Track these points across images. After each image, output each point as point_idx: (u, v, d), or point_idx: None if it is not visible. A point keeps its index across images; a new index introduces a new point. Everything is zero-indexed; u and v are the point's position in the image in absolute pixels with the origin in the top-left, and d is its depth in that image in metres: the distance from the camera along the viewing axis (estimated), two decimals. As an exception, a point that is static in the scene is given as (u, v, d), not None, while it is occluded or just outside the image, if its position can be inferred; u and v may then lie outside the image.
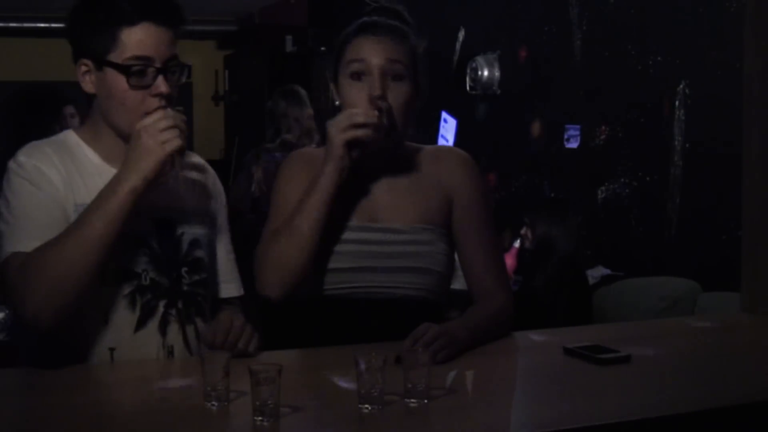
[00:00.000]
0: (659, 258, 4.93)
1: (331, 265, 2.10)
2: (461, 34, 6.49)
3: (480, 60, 6.13)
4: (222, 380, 1.64)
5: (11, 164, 1.98)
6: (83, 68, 2.00)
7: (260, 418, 1.56)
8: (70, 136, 2.06)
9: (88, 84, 2.00)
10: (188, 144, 1.98)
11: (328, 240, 2.10)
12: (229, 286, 2.22)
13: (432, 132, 6.24)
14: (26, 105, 7.01)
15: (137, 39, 1.94)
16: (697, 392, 1.83)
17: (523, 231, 4.56)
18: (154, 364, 1.98)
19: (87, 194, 1.96)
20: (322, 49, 8.19)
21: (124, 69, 1.94)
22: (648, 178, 5.05)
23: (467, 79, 6.20)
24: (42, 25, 8.82)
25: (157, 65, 1.95)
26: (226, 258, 2.22)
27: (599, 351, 1.99)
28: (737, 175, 2.64)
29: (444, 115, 6.31)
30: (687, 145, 4.81)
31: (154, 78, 1.95)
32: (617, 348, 2.00)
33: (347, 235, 2.12)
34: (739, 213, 2.64)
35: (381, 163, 2.17)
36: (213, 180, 2.22)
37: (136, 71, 1.94)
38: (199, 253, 2.10)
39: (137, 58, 1.94)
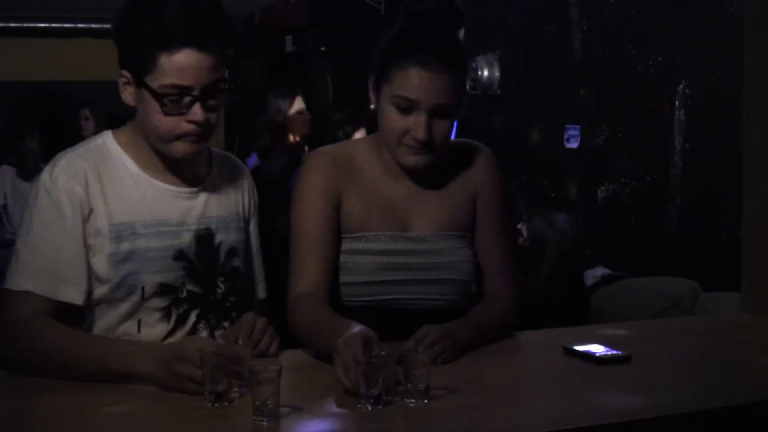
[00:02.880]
0: (659, 258, 4.93)
1: (357, 277, 2.09)
2: (461, 34, 6.48)
3: (480, 60, 6.13)
4: (222, 381, 1.64)
5: (45, 176, 1.94)
6: (123, 79, 1.94)
7: (260, 418, 1.56)
8: (108, 142, 2.01)
9: (127, 96, 1.95)
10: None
11: (357, 250, 2.09)
12: (259, 288, 2.23)
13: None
14: (40, 106, 7.01)
15: (175, 67, 1.87)
16: (697, 392, 1.83)
17: (519, 226, 4.55)
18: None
19: (124, 212, 1.95)
20: (322, 49, 8.19)
21: (158, 96, 1.89)
22: (648, 178, 5.04)
23: (467, 79, 6.20)
24: (67, 25, 8.80)
25: (195, 93, 1.89)
26: (257, 260, 2.22)
27: (599, 351, 1.99)
28: (737, 175, 2.64)
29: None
30: (687, 145, 4.81)
31: (191, 105, 1.90)
32: (617, 348, 2.00)
33: (376, 245, 2.10)
34: (739, 213, 2.64)
35: (416, 173, 2.14)
36: (247, 179, 2.19)
37: (169, 100, 1.89)
38: (236, 262, 2.09)
39: (174, 86, 1.88)
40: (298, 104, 5.24)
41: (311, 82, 7.99)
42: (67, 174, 1.93)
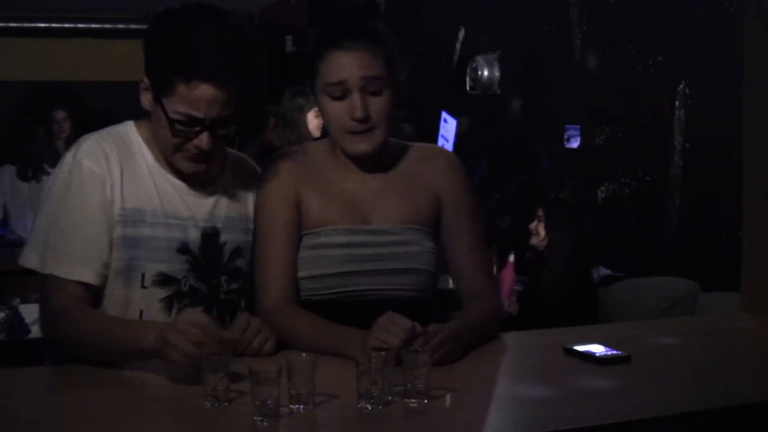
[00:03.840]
0: (659, 258, 4.93)
1: (319, 270, 2.11)
2: (461, 34, 6.48)
3: (480, 60, 6.13)
4: (222, 381, 1.64)
5: (69, 159, 2.00)
6: (143, 85, 1.99)
7: (260, 418, 1.56)
8: (130, 131, 2.07)
9: (145, 101, 2.01)
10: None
11: (318, 244, 2.11)
12: None
13: (432, 132, 6.24)
14: (31, 106, 7.03)
15: (192, 99, 1.91)
16: (697, 392, 1.83)
17: (533, 225, 4.55)
18: (157, 364, 1.97)
19: (137, 198, 2.00)
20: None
21: (170, 120, 1.94)
22: (648, 178, 5.04)
23: (467, 79, 6.20)
24: (67, 25, 8.80)
25: (206, 124, 1.93)
26: None
27: (599, 351, 1.99)
28: (737, 175, 2.64)
29: (444, 115, 6.30)
30: (687, 145, 4.80)
31: (200, 132, 1.94)
32: (617, 348, 2.00)
33: (336, 238, 2.12)
34: (739, 213, 2.64)
35: (369, 163, 2.17)
36: (258, 183, 2.19)
37: (181, 124, 1.94)
38: (240, 262, 2.11)
39: (185, 115, 1.92)
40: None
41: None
42: (90, 157, 1.99)
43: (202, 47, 1.89)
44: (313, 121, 5.37)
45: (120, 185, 1.99)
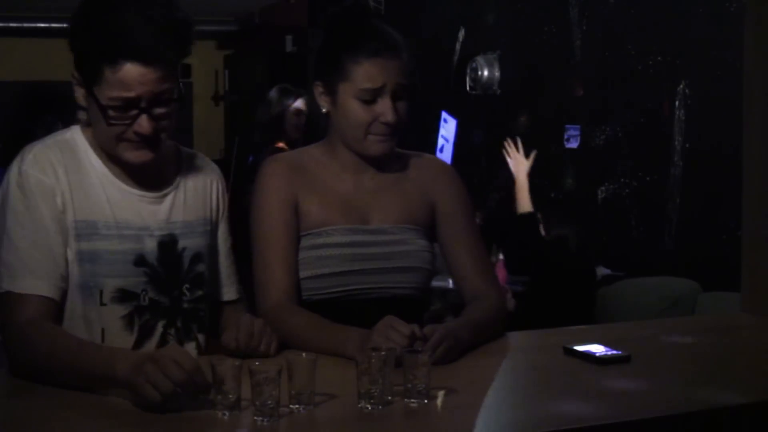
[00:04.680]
0: (659, 258, 4.93)
1: (319, 270, 2.12)
2: (461, 34, 6.48)
3: (480, 60, 6.13)
4: (233, 390, 1.60)
5: (14, 170, 1.90)
6: (74, 80, 1.91)
7: (260, 418, 1.56)
8: (77, 137, 1.97)
9: (80, 97, 1.91)
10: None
11: (319, 245, 2.13)
12: (230, 290, 2.17)
13: (432, 132, 6.24)
14: (31, 106, 7.01)
15: (119, 80, 1.82)
16: (697, 392, 1.83)
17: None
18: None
19: (88, 209, 1.91)
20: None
21: (102, 108, 1.85)
22: (648, 178, 5.04)
23: (467, 79, 6.20)
24: (67, 25, 8.80)
25: (142, 105, 1.85)
26: (227, 262, 2.16)
27: (599, 351, 1.99)
28: (737, 175, 2.64)
29: (444, 115, 6.30)
30: (687, 145, 4.81)
31: (137, 116, 1.86)
32: (617, 348, 2.00)
33: (336, 238, 2.13)
34: (739, 213, 2.64)
35: (367, 165, 2.20)
36: (217, 181, 2.13)
37: (114, 111, 1.85)
38: (201, 267, 2.04)
39: (117, 99, 1.84)
40: (299, 104, 5.27)
41: (311, 82, 7.98)
42: (36, 167, 1.90)
43: (124, 27, 1.82)
44: (292, 119, 5.31)
45: (70, 195, 1.90)
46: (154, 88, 1.85)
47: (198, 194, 2.08)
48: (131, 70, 1.82)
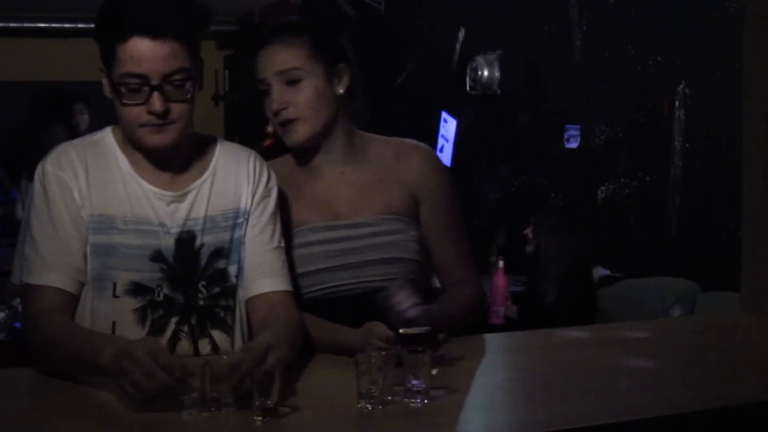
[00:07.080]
0: (659, 258, 4.93)
1: (300, 269, 2.10)
2: (461, 34, 6.48)
3: (480, 60, 6.13)
4: (271, 398, 1.58)
5: (39, 169, 1.97)
6: (101, 73, 1.94)
7: (260, 418, 1.57)
8: (107, 136, 2.01)
9: (105, 89, 1.95)
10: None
11: (293, 245, 2.11)
12: (264, 282, 2.02)
13: (432, 132, 6.24)
14: (36, 105, 6.99)
15: (128, 55, 1.86)
16: (697, 392, 1.83)
17: (527, 231, 4.57)
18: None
19: (106, 204, 1.94)
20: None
21: (115, 87, 1.89)
22: (648, 178, 5.04)
23: (467, 79, 6.20)
24: (67, 25, 8.79)
25: (154, 82, 1.86)
26: (264, 250, 2.03)
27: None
28: (737, 175, 2.64)
29: (444, 115, 6.30)
30: (687, 145, 4.81)
31: (150, 95, 1.87)
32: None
33: (311, 237, 2.12)
34: (739, 213, 2.64)
35: (338, 159, 2.18)
36: (251, 169, 2.05)
37: (127, 90, 1.87)
38: (221, 263, 2.00)
39: (130, 75, 1.86)
40: None
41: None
42: (55, 165, 1.95)
43: (133, 3, 1.87)
44: None
45: (88, 191, 1.94)
46: (164, 65, 1.86)
47: (229, 187, 2.03)
48: (139, 44, 1.85)
